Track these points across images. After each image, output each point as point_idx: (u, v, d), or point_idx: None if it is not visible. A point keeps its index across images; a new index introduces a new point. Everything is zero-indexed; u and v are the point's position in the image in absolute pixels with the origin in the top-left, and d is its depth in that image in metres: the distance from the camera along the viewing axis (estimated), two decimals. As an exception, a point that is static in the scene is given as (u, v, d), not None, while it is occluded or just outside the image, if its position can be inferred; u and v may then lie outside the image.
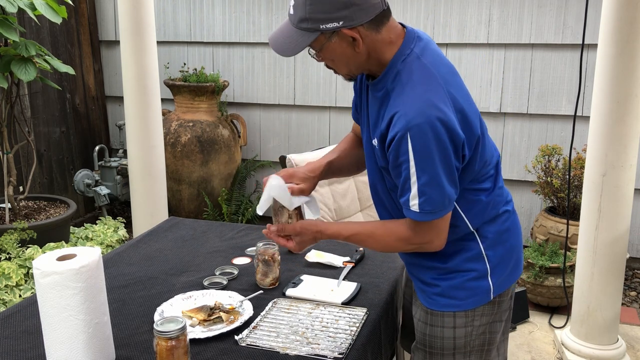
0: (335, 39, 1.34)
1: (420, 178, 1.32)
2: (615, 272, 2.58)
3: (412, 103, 1.31)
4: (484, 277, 1.51)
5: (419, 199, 1.34)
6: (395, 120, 1.33)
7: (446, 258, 1.51)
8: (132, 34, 3.05)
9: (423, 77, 1.35)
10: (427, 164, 1.31)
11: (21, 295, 2.67)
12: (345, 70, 1.43)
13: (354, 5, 1.29)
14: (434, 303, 1.54)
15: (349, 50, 1.36)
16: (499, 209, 1.53)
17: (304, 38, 1.33)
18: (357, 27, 1.32)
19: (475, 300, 1.52)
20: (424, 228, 1.40)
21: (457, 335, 1.53)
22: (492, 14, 3.70)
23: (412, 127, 1.29)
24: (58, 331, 1.30)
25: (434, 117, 1.29)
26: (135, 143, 3.19)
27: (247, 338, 1.50)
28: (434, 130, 1.29)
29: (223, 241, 2.19)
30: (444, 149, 1.31)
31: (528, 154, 3.82)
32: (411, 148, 1.30)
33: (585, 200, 2.58)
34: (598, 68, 2.46)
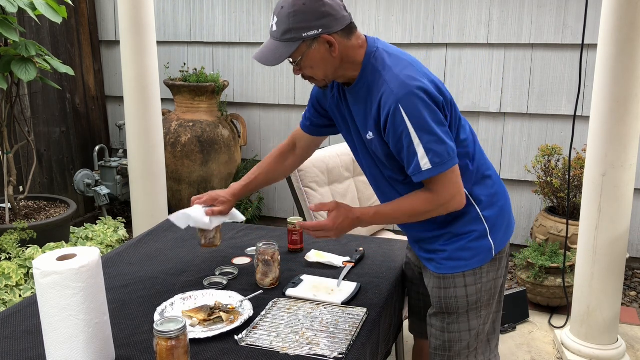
0: (315, 46, 1.54)
1: (422, 138, 1.51)
2: (615, 272, 2.59)
3: (393, 81, 1.53)
4: (484, 237, 1.70)
5: (428, 156, 1.52)
6: (383, 100, 1.54)
7: (450, 224, 1.69)
8: (132, 34, 3.05)
9: (394, 61, 1.58)
10: (423, 125, 1.51)
11: (21, 295, 2.67)
12: (322, 75, 1.61)
13: (330, 16, 1.52)
14: (443, 267, 1.71)
15: (327, 55, 1.56)
16: (483, 172, 1.72)
17: (287, 48, 1.53)
18: (333, 35, 1.54)
19: (480, 259, 1.70)
20: (441, 184, 1.56)
21: (469, 293, 1.71)
22: (492, 14, 3.70)
23: (400, 99, 1.51)
24: (58, 331, 1.30)
25: (414, 87, 1.51)
26: (135, 143, 3.19)
27: (247, 338, 1.51)
28: (418, 96, 1.51)
29: (223, 241, 2.19)
30: (432, 109, 1.52)
31: (528, 154, 3.82)
32: (406, 116, 1.50)
33: (585, 200, 2.58)
34: (598, 68, 2.46)
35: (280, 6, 1.53)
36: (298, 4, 1.50)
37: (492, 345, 1.84)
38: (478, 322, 1.76)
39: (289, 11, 1.50)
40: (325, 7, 1.51)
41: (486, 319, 1.78)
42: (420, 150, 1.51)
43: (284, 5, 1.52)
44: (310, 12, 1.50)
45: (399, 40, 3.90)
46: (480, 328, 1.77)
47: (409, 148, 1.53)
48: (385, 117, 1.54)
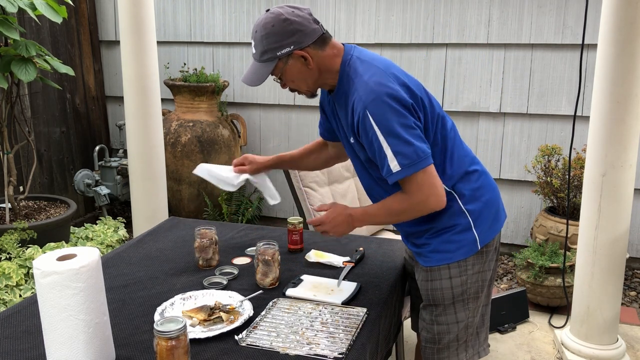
0: (290, 62, 1.66)
1: (390, 142, 1.58)
2: (615, 272, 2.59)
3: (362, 88, 1.61)
4: (468, 230, 1.75)
5: (397, 158, 1.58)
6: (354, 107, 1.63)
7: (434, 218, 1.75)
8: (132, 34, 3.05)
9: (365, 68, 1.66)
10: (390, 129, 1.58)
11: (21, 295, 2.67)
12: (305, 86, 1.74)
13: (298, 32, 1.63)
14: (429, 260, 1.78)
15: (304, 68, 1.67)
16: (466, 168, 1.77)
17: (267, 67, 1.67)
18: (305, 48, 1.65)
19: (465, 251, 1.75)
20: (414, 185, 1.62)
21: (454, 285, 1.76)
22: (492, 14, 3.70)
23: (367, 105, 1.59)
24: (58, 331, 1.30)
25: (382, 92, 1.58)
26: (135, 143, 3.19)
27: (247, 338, 1.51)
28: (385, 102, 1.58)
29: (223, 241, 2.19)
30: (400, 113, 1.58)
31: (528, 154, 3.82)
32: (373, 121, 1.58)
33: (585, 200, 2.58)
34: (598, 68, 2.46)
35: (254, 30, 1.66)
36: (268, 27, 1.62)
37: (481, 338, 1.89)
38: (466, 314, 1.80)
39: (261, 34, 1.63)
40: (293, 24, 1.62)
41: (475, 312, 1.82)
42: (389, 153, 1.59)
43: (257, 30, 1.65)
44: (280, 33, 1.61)
45: (398, 40, 3.90)
46: (469, 320, 1.81)
47: (380, 151, 1.60)
48: (356, 122, 1.63)
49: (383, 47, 3.96)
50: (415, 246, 1.83)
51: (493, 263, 1.84)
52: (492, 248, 1.81)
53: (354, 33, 4.01)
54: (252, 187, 4.46)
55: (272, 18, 1.63)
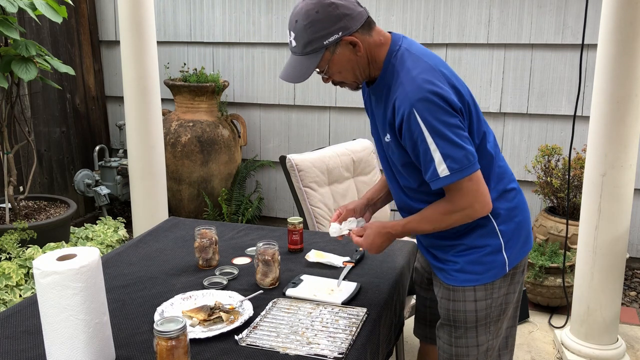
0: (338, 50, 1.51)
1: (438, 144, 1.46)
2: (615, 272, 2.59)
3: (409, 84, 1.48)
4: (498, 252, 1.64)
5: (445, 162, 1.47)
6: (398, 104, 1.49)
7: (463, 236, 1.64)
8: (132, 34, 3.05)
9: (414, 62, 1.52)
10: (439, 130, 1.45)
11: (21, 295, 2.67)
12: (352, 77, 1.58)
13: (346, 16, 1.48)
14: (454, 279, 1.67)
15: (353, 56, 1.53)
16: (505, 185, 1.66)
17: (312, 60, 1.51)
18: (354, 34, 1.50)
19: (493, 274, 1.64)
20: (458, 192, 1.51)
21: (479, 308, 1.66)
22: (492, 14, 3.70)
23: (414, 103, 1.46)
24: (58, 331, 1.30)
25: (430, 91, 1.46)
26: (135, 143, 3.19)
27: (247, 338, 1.51)
28: (433, 101, 1.45)
29: (223, 241, 2.19)
30: (449, 113, 1.47)
31: (528, 154, 3.82)
32: (421, 121, 1.45)
33: (585, 200, 2.58)
34: (598, 68, 2.46)
35: (294, 20, 1.50)
36: (311, 14, 1.47)
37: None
38: (487, 337, 1.70)
39: (304, 23, 1.48)
40: (339, 9, 1.47)
41: (495, 334, 1.72)
42: (436, 156, 1.47)
43: (298, 19, 1.49)
44: (326, 19, 1.47)
45: (399, 40, 3.90)
46: (489, 344, 1.71)
47: (426, 154, 1.48)
48: (400, 121, 1.50)
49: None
50: (437, 260, 1.72)
51: (519, 284, 1.73)
52: (519, 270, 1.71)
53: (354, 33, 4.00)
54: (251, 187, 4.47)
55: (314, 4, 1.47)
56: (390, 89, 1.55)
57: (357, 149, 2.97)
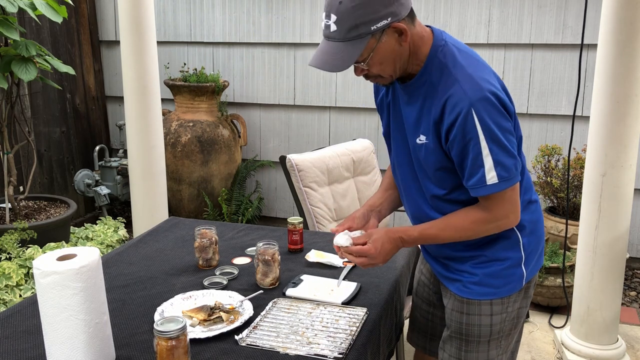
0: (384, 38, 1.37)
1: (492, 149, 1.37)
2: (615, 272, 2.58)
3: (466, 82, 1.38)
4: (518, 265, 1.58)
5: (496, 169, 1.38)
6: (452, 102, 1.38)
7: (484, 247, 1.56)
8: (132, 34, 3.05)
9: (467, 60, 1.43)
10: (495, 134, 1.37)
11: (21, 295, 2.67)
12: (392, 70, 1.44)
13: (396, 1, 1.34)
14: (470, 292, 1.59)
15: (397, 46, 1.39)
16: (530, 196, 1.61)
17: (356, 47, 1.35)
18: (402, 21, 1.37)
19: (510, 288, 1.58)
20: (498, 202, 1.44)
21: (494, 322, 1.59)
22: (492, 14, 3.70)
23: (474, 103, 1.36)
24: (58, 331, 1.30)
25: (489, 91, 1.37)
26: (135, 143, 3.19)
27: (247, 338, 1.51)
28: (492, 103, 1.37)
29: (223, 241, 2.19)
30: (504, 117, 1.39)
31: (528, 154, 3.82)
32: (478, 122, 1.35)
33: (585, 200, 2.58)
34: (598, 68, 2.46)
35: (337, 1, 1.33)
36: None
37: None
38: (497, 352, 1.65)
39: (352, 5, 1.31)
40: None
41: (505, 349, 1.67)
42: (488, 162, 1.38)
43: (342, 0, 1.32)
44: (376, 1, 1.31)
45: (399, 40, 3.90)
46: (499, 358, 1.66)
47: (476, 158, 1.39)
48: (452, 120, 1.39)
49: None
50: (450, 271, 1.64)
51: (530, 299, 1.69)
52: (532, 284, 1.67)
53: (354, 33, 4.00)
54: (251, 187, 4.47)
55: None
56: (435, 85, 1.43)
57: (357, 149, 2.97)
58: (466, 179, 1.44)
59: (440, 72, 1.43)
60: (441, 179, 1.52)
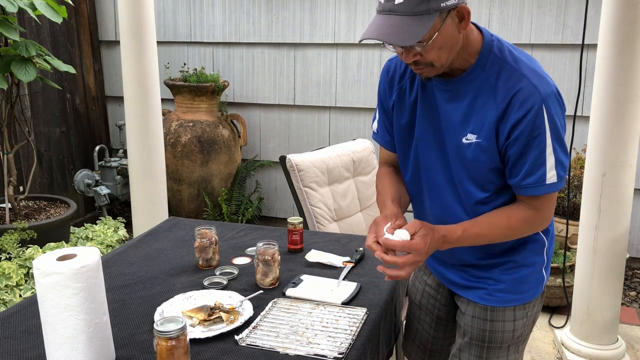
0: (449, 20, 1.29)
1: (555, 148, 1.35)
2: (615, 272, 2.58)
3: (536, 78, 1.34)
4: (541, 270, 1.57)
5: (557, 168, 1.36)
6: (522, 97, 1.33)
7: (513, 252, 1.53)
8: (132, 34, 3.05)
9: (525, 56, 1.39)
10: (559, 132, 1.35)
11: (21, 295, 2.67)
12: (447, 57, 1.35)
13: None
14: (496, 300, 1.56)
15: (456, 32, 1.32)
16: None
17: (423, 23, 1.24)
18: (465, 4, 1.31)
19: (533, 293, 1.58)
20: (549, 202, 1.41)
21: (516, 327, 1.58)
22: (492, 14, 3.69)
23: (545, 99, 1.32)
24: (58, 331, 1.30)
25: (555, 89, 1.36)
26: (135, 143, 3.19)
27: (247, 338, 1.51)
28: (559, 100, 1.36)
29: (223, 241, 2.19)
30: (564, 117, 1.39)
31: (528, 154, 3.82)
32: (547, 119, 1.32)
33: (585, 200, 2.58)
34: (598, 68, 2.46)
35: None
36: None
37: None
38: (515, 356, 1.64)
39: None
40: None
41: (522, 352, 1.68)
42: (550, 161, 1.34)
43: None
44: None
45: (399, 40, 3.90)
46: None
47: (539, 156, 1.34)
48: (521, 116, 1.33)
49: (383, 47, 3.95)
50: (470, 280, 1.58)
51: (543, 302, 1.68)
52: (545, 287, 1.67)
53: (354, 33, 4.00)
54: (251, 187, 4.47)
55: None
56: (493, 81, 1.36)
57: (357, 149, 2.97)
58: (522, 178, 1.38)
59: (499, 68, 1.37)
60: (489, 181, 1.45)
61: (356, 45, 4.00)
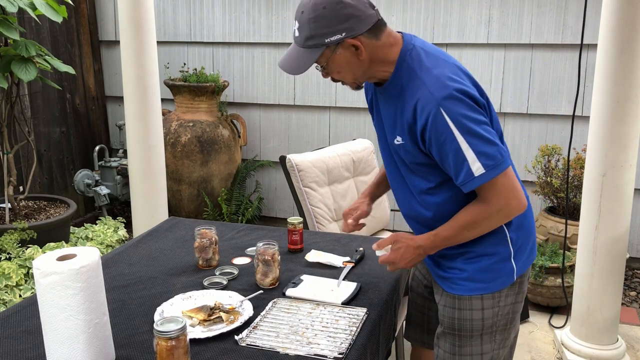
0: (339, 51, 1.45)
1: (470, 142, 1.41)
2: (615, 272, 2.58)
3: (432, 84, 1.43)
4: (507, 260, 1.60)
5: (480, 160, 1.41)
6: (421, 105, 1.43)
7: (473, 243, 1.58)
8: (132, 34, 3.05)
9: (433, 61, 1.48)
10: (469, 127, 1.40)
11: (21, 295, 2.67)
12: (351, 78, 1.53)
13: (353, 17, 1.42)
14: (461, 288, 1.62)
15: (353, 59, 1.47)
16: None
17: (311, 55, 1.45)
18: (358, 37, 1.44)
19: (500, 282, 1.61)
20: (493, 192, 1.46)
21: (485, 317, 1.62)
22: (492, 14, 3.70)
23: (441, 102, 1.40)
24: (58, 331, 1.30)
25: (455, 89, 1.41)
26: (135, 143, 3.19)
27: (247, 338, 1.51)
28: (459, 99, 1.41)
29: (223, 241, 2.19)
30: (476, 111, 1.43)
31: (528, 154, 3.82)
32: (449, 120, 1.40)
33: (585, 200, 2.58)
34: (598, 68, 2.46)
35: (300, 10, 1.44)
36: (318, 9, 1.41)
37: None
38: (492, 346, 1.66)
39: (309, 16, 1.42)
40: (348, 8, 1.41)
41: (501, 344, 1.68)
42: (469, 155, 1.41)
43: (304, 10, 1.43)
44: (332, 17, 1.41)
45: (399, 40, 3.90)
46: (494, 353, 1.67)
47: (457, 154, 1.42)
48: (423, 123, 1.44)
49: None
50: (441, 269, 1.67)
51: (525, 294, 1.71)
52: (525, 278, 1.69)
53: (354, 33, 4.00)
54: (251, 187, 4.47)
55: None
56: (405, 88, 1.49)
57: (357, 149, 2.97)
58: (455, 178, 1.47)
59: (409, 76, 1.48)
60: (426, 173, 1.56)
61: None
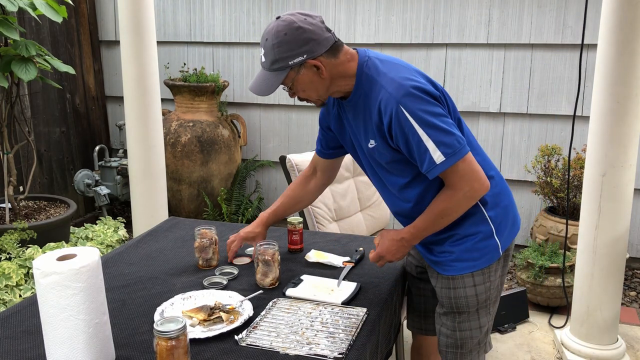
0: (302, 71, 1.62)
1: (429, 133, 1.55)
2: (615, 272, 2.58)
3: (390, 85, 1.58)
4: (490, 237, 1.73)
5: (439, 149, 1.55)
6: (384, 105, 1.59)
7: (455, 226, 1.72)
8: (132, 34, 3.05)
9: (387, 66, 1.64)
10: (427, 120, 1.55)
11: (21, 295, 2.67)
12: (316, 95, 1.69)
13: (312, 41, 1.58)
14: (452, 269, 1.75)
15: (316, 77, 1.63)
16: (488, 171, 1.73)
17: (277, 77, 1.62)
18: (318, 57, 1.60)
19: (488, 259, 1.74)
20: (455, 176, 1.60)
21: (479, 292, 1.75)
22: (492, 14, 3.70)
23: (399, 100, 1.56)
24: (58, 331, 1.30)
25: (411, 87, 1.56)
26: (135, 143, 3.19)
27: (247, 338, 1.51)
28: (415, 95, 1.56)
29: (223, 241, 2.19)
30: (432, 104, 1.57)
31: (528, 154, 3.82)
32: (409, 115, 1.55)
33: (585, 200, 2.58)
34: (598, 68, 2.46)
35: (264, 38, 1.61)
36: (280, 35, 1.57)
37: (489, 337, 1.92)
38: (487, 318, 1.81)
39: (272, 43, 1.59)
40: (306, 33, 1.57)
41: (494, 315, 1.84)
42: (430, 145, 1.55)
43: (268, 37, 1.60)
44: (293, 41, 1.57)
45: (399, 40, 3.90)
46: (489, 324, 1.84)
47: (419, 145, 1.56)
48: (388, 121, 1.58)
49: (383, 47, 3.96)
50: (433, 254, 1.80)
51: (509, 266, 1.86)
52: (510, 252, 1.82)
53: (354, 33, 4.01)
54: (251, 187, 4.47)
55: (284, 26, 1.57)
56: (368, 95, 1.64)
57: (357, 149, 2.97)
58: (420, 167, 1.61)
59: (369, 83, 1.64)
60: (400, 170, 1.69)
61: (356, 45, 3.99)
